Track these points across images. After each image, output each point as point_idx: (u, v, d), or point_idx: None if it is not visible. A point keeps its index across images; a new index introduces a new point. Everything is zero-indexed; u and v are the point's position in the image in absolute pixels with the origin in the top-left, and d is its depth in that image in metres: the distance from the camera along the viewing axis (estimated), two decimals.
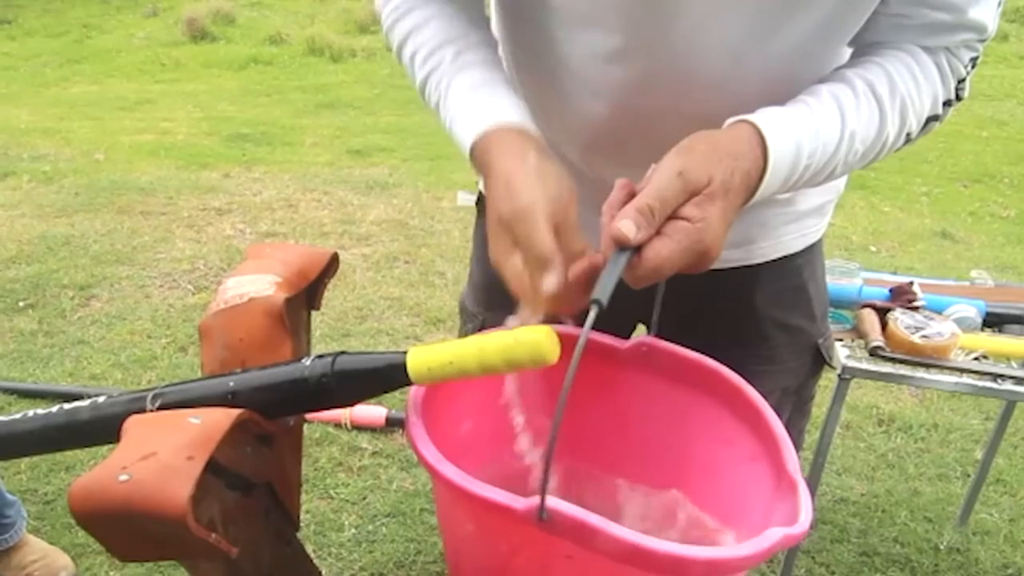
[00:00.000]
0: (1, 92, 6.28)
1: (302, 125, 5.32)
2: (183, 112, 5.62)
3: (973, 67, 0.71)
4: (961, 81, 0.71)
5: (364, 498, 1.91)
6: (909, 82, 0.67)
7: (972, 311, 1.50)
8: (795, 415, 0.94)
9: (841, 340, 1.45)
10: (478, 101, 0.70)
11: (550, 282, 0.59)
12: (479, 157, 0.68)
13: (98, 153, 4.46)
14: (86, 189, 3.81)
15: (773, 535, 0.54)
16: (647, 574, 0.54)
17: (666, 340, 0.76)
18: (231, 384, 0.64)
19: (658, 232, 0.57)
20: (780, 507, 0.61)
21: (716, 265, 0.64)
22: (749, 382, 0.72)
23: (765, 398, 0.70)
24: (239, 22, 8.19)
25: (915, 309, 1.48)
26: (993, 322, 1.52)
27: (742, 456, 0.70)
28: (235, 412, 0.60)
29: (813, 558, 1.81)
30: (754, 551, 0.53)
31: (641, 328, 0.96)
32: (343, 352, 0.64)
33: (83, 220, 3.45)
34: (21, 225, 3.36)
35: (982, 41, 0.69)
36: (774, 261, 0.88)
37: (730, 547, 0.54)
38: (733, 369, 0.73)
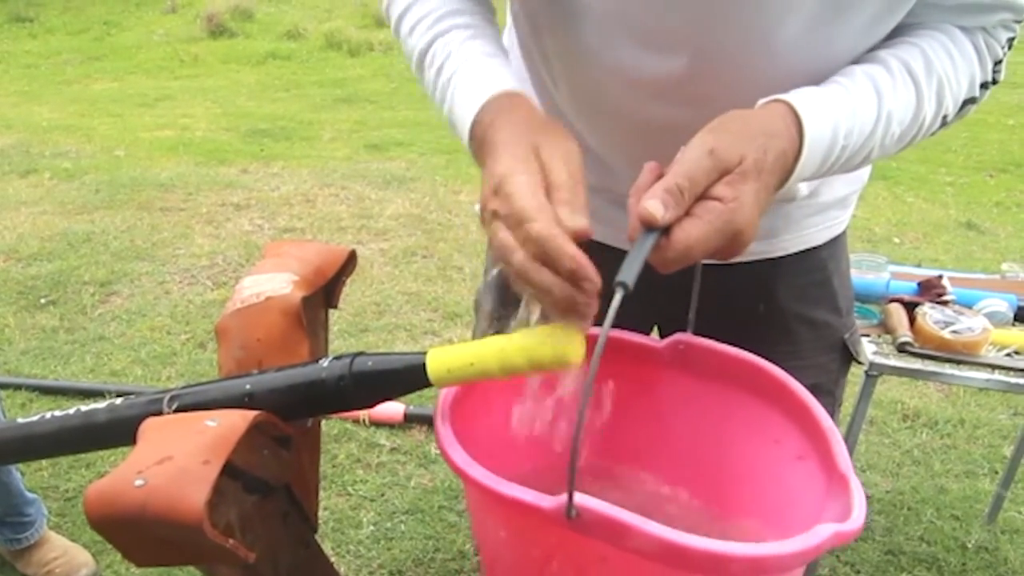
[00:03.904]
0: (23, 90, 6.34)
1: (320, 120, 5.33)
2: (202, 108, 5.64)
3: (1010, 48, 0.68)
4: (998, 63, 0.68)
5: (382, 495, 1.91)
6: (946, 62, 0.64)
7: (1004, 305, 1.46)
8: (835, 420, 0.92)
9: (868, 336, 1.43)
10: (493, 67, 0.68)
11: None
12: (487, 118, 0.64)
13: (118, 150, 4.49)
14: (107, 186, 3.84)
15: (823, 531, 0.51)
16: (685, 574, 0.51)
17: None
18: (248, 386, 0.63)
19: (688, 213, 0.54)
20: (832, 505, 0.58)
21: (738, 258, 0.62)
22: None
23: None
24: (257, 17, 8.22)
25: (944, 303, 1.45)
26: None
27: (790, 455, 0.67)
28: (251, 414, 0.59)
29: (837, 557, 1.78)
30: (801, 548, 0.49)
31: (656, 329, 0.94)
32: (361, 353, 0.62)
33: (104, 217, 3.47)
34: (43, 222, 3.39)
35: (1018, 22, 0.66)
36: (797, 254, 0.86)
37: (774, 543, 0.50)
38: None
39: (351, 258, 0.80)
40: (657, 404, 0.76)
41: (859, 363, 0.94)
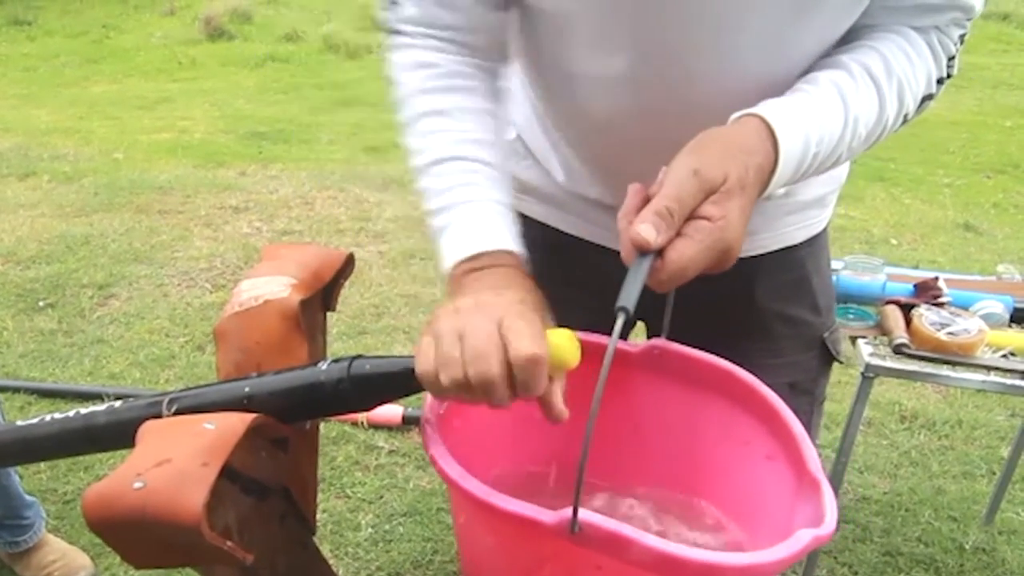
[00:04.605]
0: (22, 92, 6.33)
1: (318, 122, 5.32)
2: (200, 110, 5.64)
3: (962, 44, 0.72)
4: (951, 58, 0.71)
5: (381, 497, 1.91)
6: (904, 62, 0.67)
7: (999, 307, 1.47)
8: (815, 418, 0.93)
9: (864, 337, 1.43)
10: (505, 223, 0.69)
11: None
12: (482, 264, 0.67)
13: (117, 152, 4.49)
14: (105, 188, 3.84)
15: (804, 536, 0.53)
16: None
17: (669, 337, 0.75)
18: (246, 389, 0.64)
19: (679, 233, 0.56)
20: (803, 507, 0.60)
21: None
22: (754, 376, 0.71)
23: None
24: (256, 20, 8.21)
25: (940, 305, 1.45)
26: (1021, 318, 1.49)
27: (759, 455, 0.70)
28: (249, 417, 0.60)
29: (835, 558, 1.78)
30: (787, 554, 0.52)
31: (641, 327, 0.95)
32: (359, 356, 0.63)
33: (102, 219, 3.47)
34: (41, 224, 3.39)
35: (969, 19, 0.70)
36: (775, 252, 0.87)
37: (763, 551, 0.53)
38: (736, 363, 0.72)
39: (349, 261, 0.80)
40: (631, 406, 0.78)
41: (839, 362, 0.95)
